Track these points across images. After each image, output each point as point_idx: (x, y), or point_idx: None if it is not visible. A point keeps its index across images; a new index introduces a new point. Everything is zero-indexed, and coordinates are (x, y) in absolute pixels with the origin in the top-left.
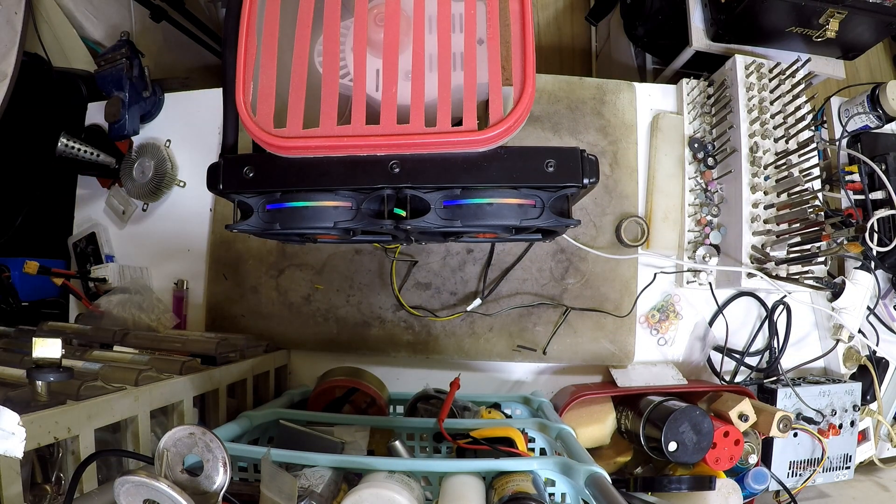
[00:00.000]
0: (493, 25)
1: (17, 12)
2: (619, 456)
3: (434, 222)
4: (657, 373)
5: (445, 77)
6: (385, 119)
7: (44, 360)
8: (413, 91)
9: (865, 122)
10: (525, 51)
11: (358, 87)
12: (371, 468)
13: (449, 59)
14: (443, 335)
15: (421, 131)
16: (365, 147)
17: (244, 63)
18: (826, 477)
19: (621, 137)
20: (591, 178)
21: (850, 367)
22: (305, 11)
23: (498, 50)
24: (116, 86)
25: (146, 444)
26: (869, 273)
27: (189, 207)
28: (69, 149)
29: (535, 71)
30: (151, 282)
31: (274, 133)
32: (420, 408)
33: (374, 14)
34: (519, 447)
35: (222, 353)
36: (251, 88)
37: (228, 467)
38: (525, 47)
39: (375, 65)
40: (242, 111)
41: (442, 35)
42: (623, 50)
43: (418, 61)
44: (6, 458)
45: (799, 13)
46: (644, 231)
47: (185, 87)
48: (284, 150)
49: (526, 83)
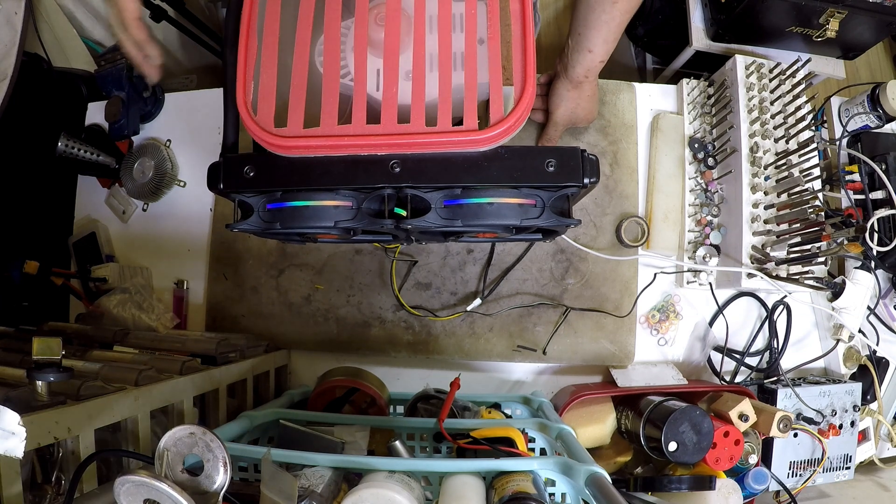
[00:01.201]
0: (494, 25)
1: (17, 12)
2: (619, 456)
3: (435, 222)
4: (657, 373)
5: (446, 77)
6: (386, 118)
7: (44, 360)
8: (414, 91)
9: (865, 121)
10: (525, 51)
11: (359, 86)
12: (371, 468)
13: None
14: (443, 335)
15: (422, 131)
16: (366, 146)
17: (245, 62)
18: (826, 477)
19: (621, 137)
20: (592, 178)
21: (851, 367)
22: (306, 11)
23: (499, 50)
24: (116, 86)
25: (146, 444)
26: (869, 273)
27: (189, 207)
28: (69, 149)
29: (535, 71)
30: (151, 282)
31: (275, 132)
32: (420, 408)
33: (374, 14)
34: (519, 447)
35: (222, 353)
36: (252, 88)
37: (229, 467)
38: (525, 47)
39: (376, 64)
40: (243, 111)
41: (442, 35)
42: (623, 50)
43: (419, 61)
44: (6, 458)
45: (799, 13)
46: (644, 231)
47: (185, 87)
48: (285, 150)
49: (526, 83)
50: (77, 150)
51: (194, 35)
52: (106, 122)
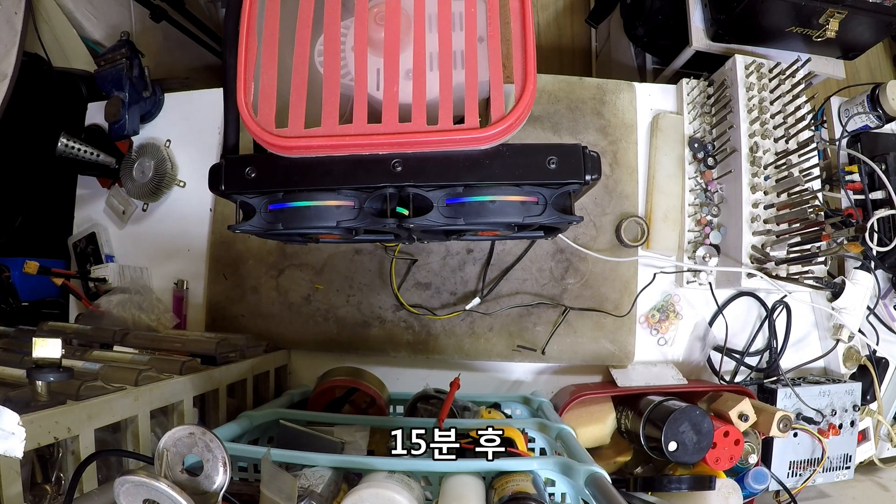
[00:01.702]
0: (494, 23)
1: (17, 12)
2: (619, 456)
3: (437, 220)
4: (657, 373)
5: (447, 75)
6: (387, 118)
7: (44, 360)
8: (414, 90)
9: (865, 121)
10: (525, 48)
11: (359, 86)
12: (371, 468)
13: (450, 57)
14: (443, 335)
15: (423, 130)
16: (367, 146)
17: (245, 63)
18: (826, 477)
19: (621, 137)
20: (594, 175)
21: (850, 367)
22: (305, 11)
23: (499, 48)
24: (116, 86)
25: (146, 444)
26: (869, 273)
27: (189, 207)
28: (69, 149)
29: (535, 68)
30: (151, 282)
31: (276, 133)
32: (420, 408)
33: (374, 13)
34: (519, 447)
35: (222, 353)
36: (252, 88)
37: (228, 467)
38: (525, 45)
39: (376, 64)
40: (244, 111)
41: (442, 33)
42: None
43: (419, 60)
44: (6, 458)
45: (799, 13)
46: (644, 231)
47: (185, 87)
48: (286, 150)
49: (527, 80)
50: (77, 150)
51: (194, 35)
52: (106, 122)
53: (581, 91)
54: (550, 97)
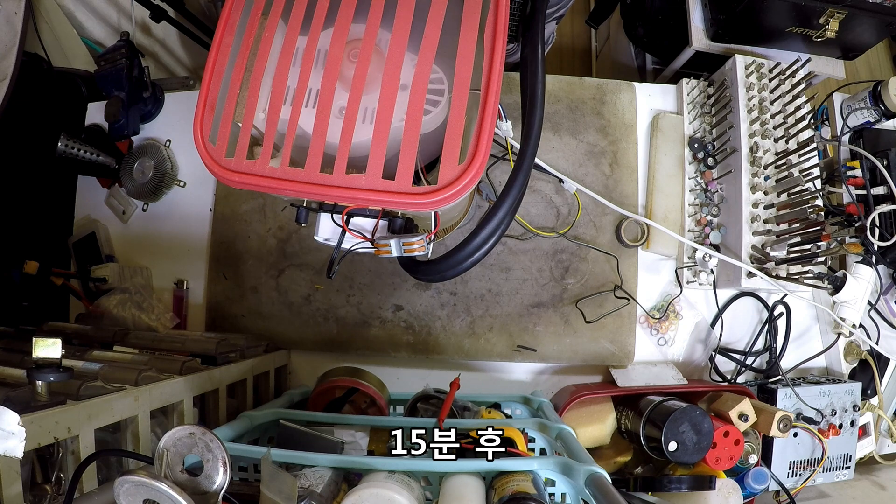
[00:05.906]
0: (460, 97)
1: (17, 12)
2: (619, 456)
3: None
4: (657, 373)
5: (411, 138)
6: (338, 168)
7: (44, 360)
8: (341, 139)
9: (867, 117)
10: (481, 127)
11: (317, 135)
12: (371, 468)
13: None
14: (443, 335)
15: (368, 187)
16: (311, 193)
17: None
18: (826, 477)
19: (621, 137)
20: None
21: (851, 362)
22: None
23: (461, 118)
24: (116, 86)
25: (146, 444)
26: (870, 267)
27: (189, 207)
28: (69, 149)
29: (489, 149)
30: (151, 282)
31: (221, 163)
32: (420, 408)
33: (344, 69)
34: (519, 447)
35: (222, 353)
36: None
37: (228, 467)
38: (482, 123)
39: (339, 106)
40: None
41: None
42: (623, 50)
43: (383, 119)
44: (6, 458)
45: (799, 13)
46: (644, 231)
47: (185, 87)
48: (228, 181)
49: (476, 156)
50: (77, 150)
51: (194, 35)
52: (106, 122)
53: (581, 91)
54: (550, 97)
